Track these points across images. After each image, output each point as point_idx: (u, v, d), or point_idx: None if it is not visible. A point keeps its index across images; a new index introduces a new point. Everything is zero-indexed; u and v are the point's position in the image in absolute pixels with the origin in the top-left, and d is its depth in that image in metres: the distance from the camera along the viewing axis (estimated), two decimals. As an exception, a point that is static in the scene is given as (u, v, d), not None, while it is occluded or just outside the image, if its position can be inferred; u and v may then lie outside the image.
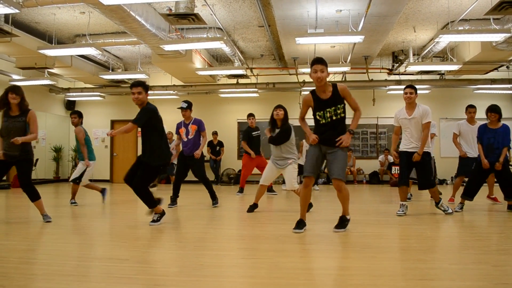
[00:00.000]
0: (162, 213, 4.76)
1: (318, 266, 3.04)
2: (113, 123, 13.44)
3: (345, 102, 4.13)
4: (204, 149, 12.40)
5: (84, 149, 6.57)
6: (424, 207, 6.36)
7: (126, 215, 5.98)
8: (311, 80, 4.10)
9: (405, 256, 3.38)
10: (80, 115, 6.75)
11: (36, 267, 3.01)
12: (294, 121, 10.21)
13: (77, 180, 6.63)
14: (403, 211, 5.39)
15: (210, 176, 11.62)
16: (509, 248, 3.63)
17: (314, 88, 4.17)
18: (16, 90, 4.81)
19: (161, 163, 4.68)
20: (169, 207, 6.25)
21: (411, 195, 7.12)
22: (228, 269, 3.02)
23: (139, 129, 4.70)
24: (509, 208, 5.78)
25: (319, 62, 4.00)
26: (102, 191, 6.96)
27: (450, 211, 5.38)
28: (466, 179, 6.36)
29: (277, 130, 5.61)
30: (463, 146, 6.57)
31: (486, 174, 5.88)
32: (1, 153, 4.73)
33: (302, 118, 4.34)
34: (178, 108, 6.40)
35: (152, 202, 4.65)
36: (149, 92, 4.92)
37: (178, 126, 6.52)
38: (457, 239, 4.16)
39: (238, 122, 13.08)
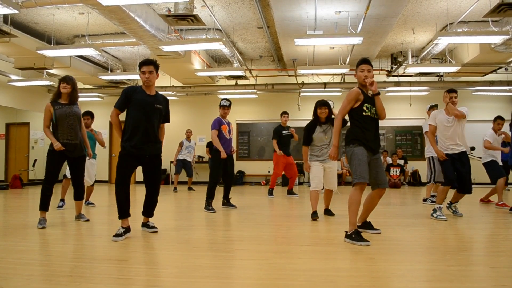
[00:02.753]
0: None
1: (317, 268, 3.04)
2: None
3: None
4: (203, 151, 12.38)
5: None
6: (422, 209, 6.36)
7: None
8: (310, 81, 4.08)
9: (403, 257, 3.38)
10: (92, 116, 6.74)
11: (34, 268, 3.01)
12: (293, 122, 10.20)
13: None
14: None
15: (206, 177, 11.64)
16: (507, 249, 3.64)
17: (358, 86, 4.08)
18: (67, 80, 4.80)
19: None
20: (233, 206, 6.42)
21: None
22: (227, 270, 3.02)
23: None
24: None
25: (366, 62, 4.02)
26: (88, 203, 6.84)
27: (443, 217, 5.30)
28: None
29: (319, 128, 5.35)
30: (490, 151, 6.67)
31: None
32: (59, 144, 4.68)
33: (342, 117, 4.04)
34: (222, 105, 6.36)
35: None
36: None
37: (220, 122, 6.31)
38: (455, 240, 4.16)
39: (237, 123, 13.08)
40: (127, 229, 4.15)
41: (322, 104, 5.34)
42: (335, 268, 3.03)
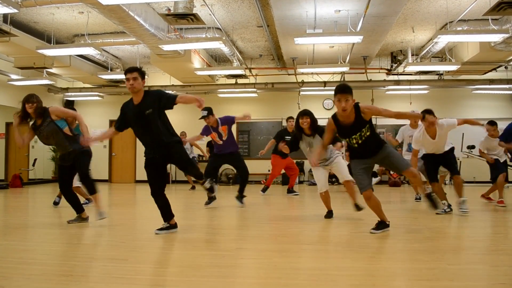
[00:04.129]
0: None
1: (318, 266, 3.04)
2: (112, 123, 13.40)
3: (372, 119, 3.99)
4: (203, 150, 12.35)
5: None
6: (422, 207, 6.37)
7: (124, 216, 5.97)
8: (310, 80, 4.06)
9: (404, 256, 3.38)
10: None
11: (34, 267, 3.01)
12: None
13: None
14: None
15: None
16: (507, 248, 3.64)
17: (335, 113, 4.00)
18: (28, 98, 4.67)
19: None
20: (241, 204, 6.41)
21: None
22: (227, 269, 3.02)
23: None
24: None
25: (343, 91, 3.78)
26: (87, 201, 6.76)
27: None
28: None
29: (307, 138, 5.03)
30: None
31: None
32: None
33: (326, 145, 4.32)
34: (200, 118, 6.34)
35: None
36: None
37: (207, 131, 6.41)
38: (456, 239, 4.17)
39: (237, 122, 13.07)
40: (173, 226, 4.32)
41: (302, 114, 4.95)
42: (336, 267, 3.04)
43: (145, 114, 4.01)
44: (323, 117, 6.15)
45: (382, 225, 4.18)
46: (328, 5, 7.07)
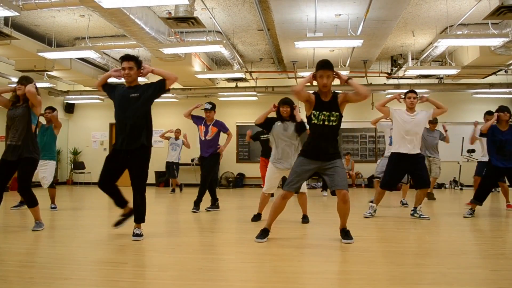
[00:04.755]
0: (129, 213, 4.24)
1: (317, 270, 3.04)
2: (112, 126, 13.43)
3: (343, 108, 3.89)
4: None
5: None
6: (422, 211, 6.36)
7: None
8: (310, 84, 3.99)
9: (404, 260, 3.38)
10: (52, 109, 6.59)
11: (35, 270, 3.01)
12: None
13: (54, 184, 6.60)
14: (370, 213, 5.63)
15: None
16: (507, 252, 3.64)
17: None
18: (21, 80, 4.55)
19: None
20: (193, 211, 6.21)
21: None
22: (227, 273, 3.02)
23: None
24: None
25: (325, 67, 3.74)
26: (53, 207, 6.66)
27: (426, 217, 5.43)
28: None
29: (280, 122, 4.98)
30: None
31: (498, 178, 5.84)
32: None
33: (298, 91, 3.89)
34: (202, 109, 6.33)
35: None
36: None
37: (198, 121, 6.39)
38: (455, 243, 4.16)
39: (237, 126, 13.09)
40: (128, 214, 4.21)
41: (284, 102, 4.97)
42: (335, 271, 3.04)
43: (130, 96, 4.03)
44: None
45: (266, 232, 4.04)
46: (329, 9, 7.09)
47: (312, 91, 3.95)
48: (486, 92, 11.34)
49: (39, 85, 10.52)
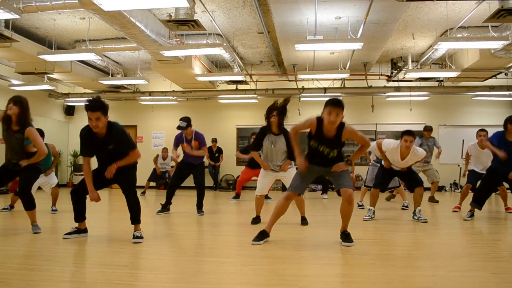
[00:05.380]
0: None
1: (317, 273, 3.04)
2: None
3: (345, 143, 3.96)
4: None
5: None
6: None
7: (123, 221, 5.95)
8: (310, 86, 4.01)
9: (404, 263, 3.37)
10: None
11: (34, 273, 3.00)
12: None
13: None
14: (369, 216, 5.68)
15: (209, 182, 11.64)
16: (507, 255, 3.64)
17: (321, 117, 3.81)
18: (14, 100, 4.35)
19: None
20: (158, 213, 6.22)
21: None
22: (227, 275, 3.02)
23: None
24: None
25: (336, 105, 3.69)
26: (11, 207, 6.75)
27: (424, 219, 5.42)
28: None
29: (272, 136, 5.07)
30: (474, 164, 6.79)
31: (498, 183, 5.89)
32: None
33: (296, 132, 3.96)
34: (178, 128, 6.28)
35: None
36: (149, 97, 4.62)
37: (179, 140, 6.37)
38: (456, 246, 4.16)
39: (237, 128, 13.10)
40: (82, 230, 4.34)
41: (272, 109, 4.96)
42: (335, 274, 3.03)
43: (107, 149, 4.09)
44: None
45: (264, 235, 4.07)
46: (329, 11, 7.09)
47: (316, 116, 3.86)
48: (486, 94, 11.34)
49: (39, 87, 10.64)
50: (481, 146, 6.57)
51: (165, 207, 6.40)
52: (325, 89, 11.43)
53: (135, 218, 4.20)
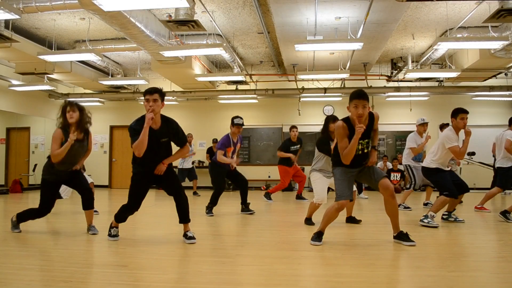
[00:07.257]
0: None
1: (318, 273, 3.04)
2: (112, 128, 13.44)
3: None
4: (203, 156, 12.34)
5: None
6: (422, 214, 6.35)
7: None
8: (310, 87, 4.02)
9: (404, 263, 3.37)
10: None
11: (34, 273, 3.01)
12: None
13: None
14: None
15: (209, 182, 11.63)
16: (507, 255, 3.63)
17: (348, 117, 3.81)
18: (71, 105, 4.37)
19: None
20: (209, 215, 6.23)
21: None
22: (228, 276, 3.02)
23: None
24: None
25: (361, 97, 3.68)
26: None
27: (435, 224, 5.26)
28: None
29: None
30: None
31: None
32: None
33: (345, 147, 3.78)
34: (236, 124, 6.28)
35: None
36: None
37: (226, 143, 6.29)
38: (456, 246, 4.15)
39: (237, 128, 13.08)
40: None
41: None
42: (336, 274, 3.03)
43: (160, 141, 4.05)
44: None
45: (321, 235, 4.07)
46: (329, 12, 7.10)
47: (342, 119, 3.84)
48: (486, 95, 11.35)
49: (39, 88, 10.64)
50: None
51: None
52: (325, 89, 11.44)
53: (187, 217, 4.21)
